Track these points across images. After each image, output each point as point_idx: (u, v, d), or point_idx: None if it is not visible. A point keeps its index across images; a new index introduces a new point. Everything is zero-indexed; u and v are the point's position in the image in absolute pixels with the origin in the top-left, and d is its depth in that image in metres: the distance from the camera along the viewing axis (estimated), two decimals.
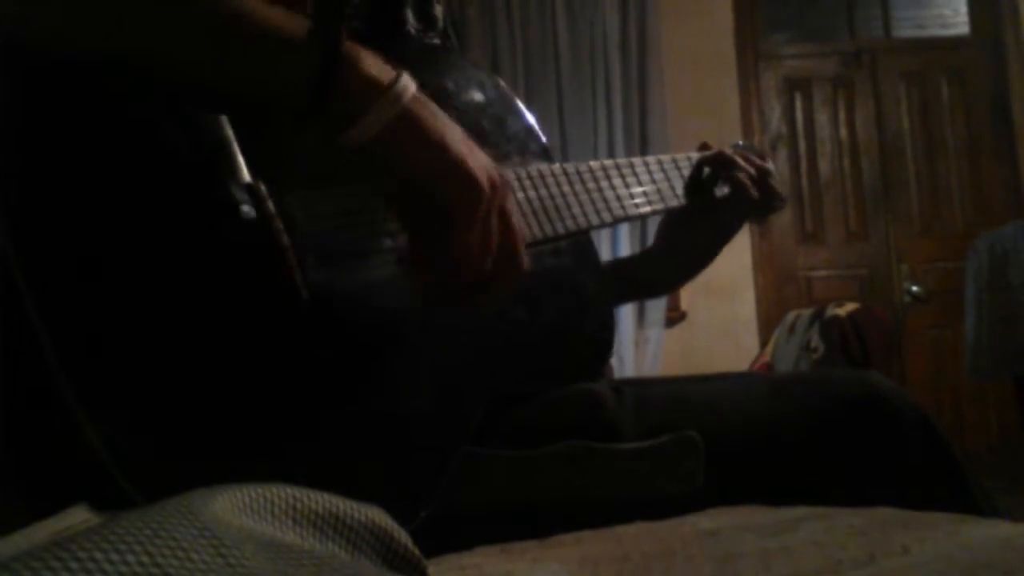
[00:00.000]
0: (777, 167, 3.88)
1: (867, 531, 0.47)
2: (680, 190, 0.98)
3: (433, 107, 0.62)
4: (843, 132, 4.23)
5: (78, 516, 0.45)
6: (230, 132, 0.60)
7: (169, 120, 0.59)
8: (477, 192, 0.60)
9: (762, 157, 1.08)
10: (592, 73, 3.89)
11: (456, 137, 0.61)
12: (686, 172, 1.00)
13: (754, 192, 0.99)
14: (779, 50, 4.29)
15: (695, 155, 1.04)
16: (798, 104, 4.25)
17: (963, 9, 4.34)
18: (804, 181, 4.19)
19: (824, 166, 4.21)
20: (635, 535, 0.53)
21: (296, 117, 0.58)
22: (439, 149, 0.60)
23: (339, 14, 0.58)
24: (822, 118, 4.24)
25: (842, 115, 4.25)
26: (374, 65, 0.59)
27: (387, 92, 0.58)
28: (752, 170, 1.00)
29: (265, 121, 0.61)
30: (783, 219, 4.13)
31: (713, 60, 4.05)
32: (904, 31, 4.37)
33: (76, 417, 0.50)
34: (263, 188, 0.60)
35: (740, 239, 4.12)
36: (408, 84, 0.60)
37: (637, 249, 3.76)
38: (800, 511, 0.55)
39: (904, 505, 0.55)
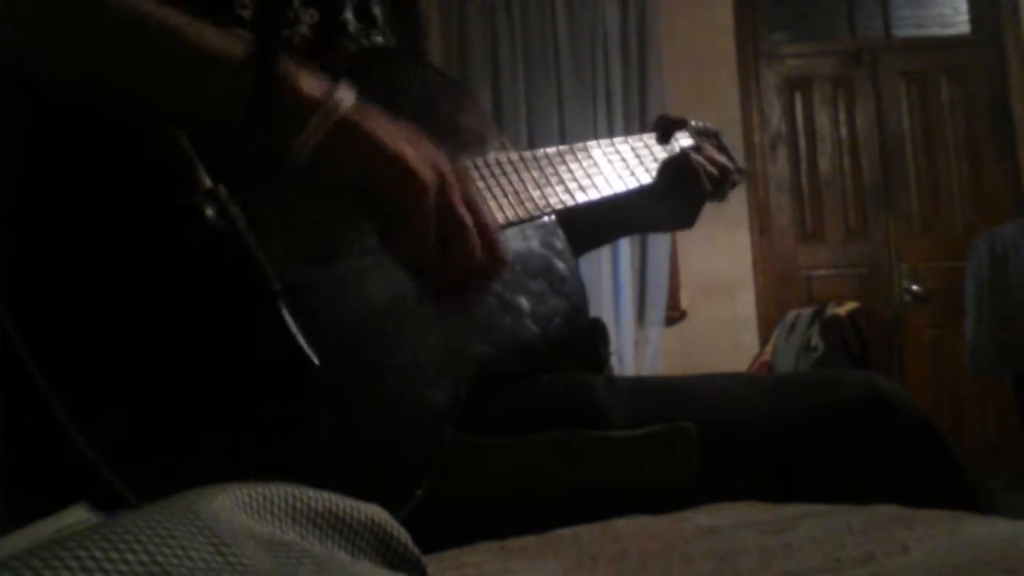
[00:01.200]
0: (777, 166, 3.84)
1: (867, 529, 0.47)
2: (639, 171, 1.01)
3: (372, 114, 0.63)
4: (843, 131, 4.24)
5: (78, 515, 0.45)
6: (186, 142, 0.60)
7: (125, 133, 0.60)
8: (418, 186, 0.62)
9: (716, 135, 1.12)
10: (592, 72, 3.89)
11: (394, 136, 0.63)
12: (642, 153, 1.03)
13: (707, 185, 1.04)
14: (779, 49, 4.29)
15: (649, 136, 1.07)
16: (798, 103, 4.25)
17: (963, 8, 4.34)
18: (804, 180, 4.19)
19: (824, 165, 4.21)
20: (633, 532, 0.53)
21: (238, 137, 0.60)
22: (375, 152, 0.62)
23: (275, 36, 0.59)
24: (822, 117, 4.25)
25: (842, 114, 4.25)
26: (309, 84, 0.61)
27: (320, 108, 0.60)
28: (711, 168, 1.04)
29: (221, 127, 0.62)
30: (783, 218, 4.14)
31: (713, 59, 4.06)
32: (904, 30, 4.37)
33: (66, 427, 0.50)
34: (223, 191, 0.60)
35: (740, 238, 4.12)
36: (344, 97, 0.61)
37: (637, 252, 3.76)
38: (799, 508, 0.55)
39: (905, 507, 0.55)
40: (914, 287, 4.00)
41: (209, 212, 0.59)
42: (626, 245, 3.73)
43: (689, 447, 0.73)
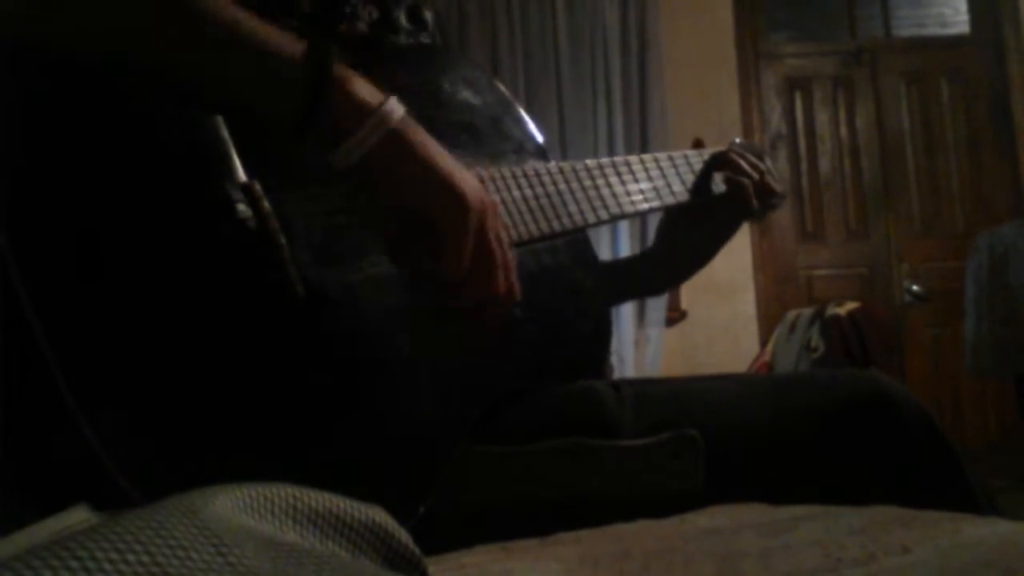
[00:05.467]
0: (777, 166, 3.88)
1: (867, 530, 0.47)
2: (677, 187, 0.99)
3: (420, 130, 0.62)
4: (843, 131, 4.23)
5: (78, 516, 0.45)
6: (226, 132, 0.60)
7: (166, 120, 0.59)
8: (465, 209, 0.61)
9: (759, 155, 1.09)
10: (592, 72, 3.89)
11: (443, 157, 0.62)
12: (683, 169, 1.01)
13: (753, 200, 1.01)
14: (779, 49, 4.29)
15: (692, 152, 1.04)
16: (798, 103, 4.25)
17: (963, 8, 4.34)
18: (804, 180, 4.19)
19: (824, 165, 4.21)
20: (635, 533, 0.53)
21: (287, 133, 0.59)
22: (426, 168, 0.61)
23: (330, 34, 0.58)
24: (822, 117, 4.24)
25: (842, 114, 4.25)
26: (363, 88, 0.60)
27: (374, 114, 0.59)
28: (754, 175, 1.01)
29: (262, 122, 0.61)
30: (783, 218, 4.13)
31: (713, 59, 4.05)
32: (904, 30, 4.37)
33: (75, 417, 0.50)
34: (258, 187, 0.60)
35: (740, 238, 4.12)
36: (395, 107, 0.61)
37: (637, 248, 3.76)
38: (800, 510, 0.55)
39: (905, 506, 0.55)
40: (914, 287, 4.00)
41: (242, 208, 0.59)
42: (626, 244, 3.73)
43: (695, 455, 0.73)
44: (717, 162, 1.03)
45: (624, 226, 3.67)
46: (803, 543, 0.46)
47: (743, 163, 1.02)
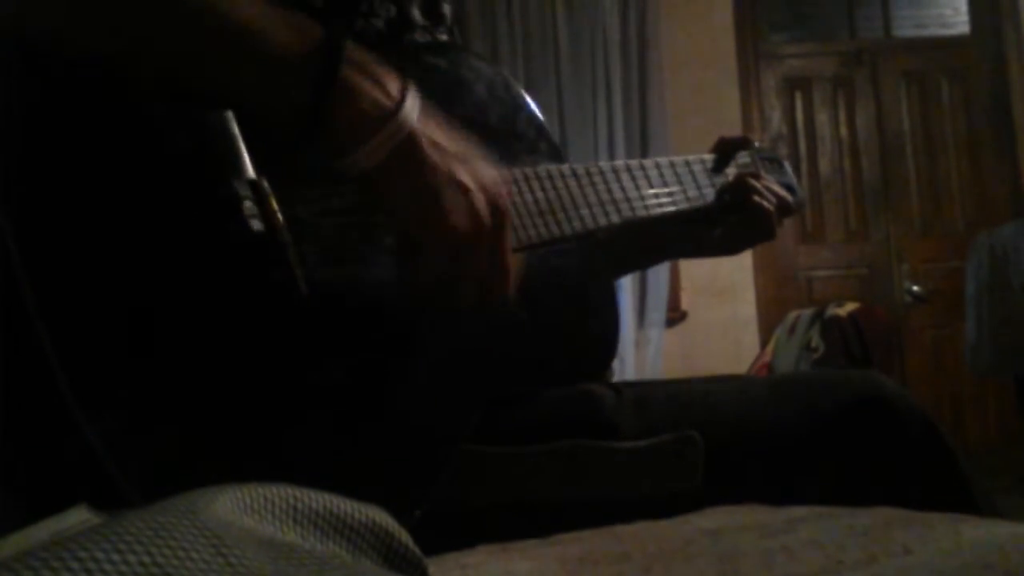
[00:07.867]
0: None
1: (868, 531, 0.47)
2: (692, 192, 0.96)
3: (435, 128, 0.61)
4: (843, 131, 4.24)
5: (78, 516, 0.45)
6: (235, 128, 0.60)
7: (174, 116, 0.59)
8: (443, 237, 0.61)
9: (780, 163, 1.06)
10: (592, 73, 3.89)
11: (451, 173, 0.61)
12: (698, 173, 0.99)
13: (774, 222, 0.96)
14: (779, 50, 4.29)
15: (708, 156, 1.00)
16: (798, 104, 4.25)
17: (963, 8, 4.34)
18: (804, 181, 4.19)
19: (824, 166, 4.21)
20: (636, 534, 0.53)
21: (296, 137, 0.58)
22: (428, 193, 0.60)
23: (345, 30, 0.58)
24: (822, 117, 4.25)
25: (842, 115, 4.25)
26: (377, 86, 0.59)
27: (391, 120, 0.58)
28: (773, 199, 0.97)
29: (270, 117, 0.61)
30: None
31: (713, 60, 4.06)
32: (904, 30, 4.37)
33: (75, 417, 0.50)
34: (266, 184, 0.60)
35: None
36: (412, 108, 0.60)
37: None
38: (801, 511, 0.55)
39: (905, 507, 0.55)
40: (914, 287, 4.00)
41: (248, 205, 0.59)
42: None
43: (695, 456, 0.73)
44: (738, 190, 0.98)
45: None
46: (804, 544, 0.46)
47: (763, 189, 0.96)
